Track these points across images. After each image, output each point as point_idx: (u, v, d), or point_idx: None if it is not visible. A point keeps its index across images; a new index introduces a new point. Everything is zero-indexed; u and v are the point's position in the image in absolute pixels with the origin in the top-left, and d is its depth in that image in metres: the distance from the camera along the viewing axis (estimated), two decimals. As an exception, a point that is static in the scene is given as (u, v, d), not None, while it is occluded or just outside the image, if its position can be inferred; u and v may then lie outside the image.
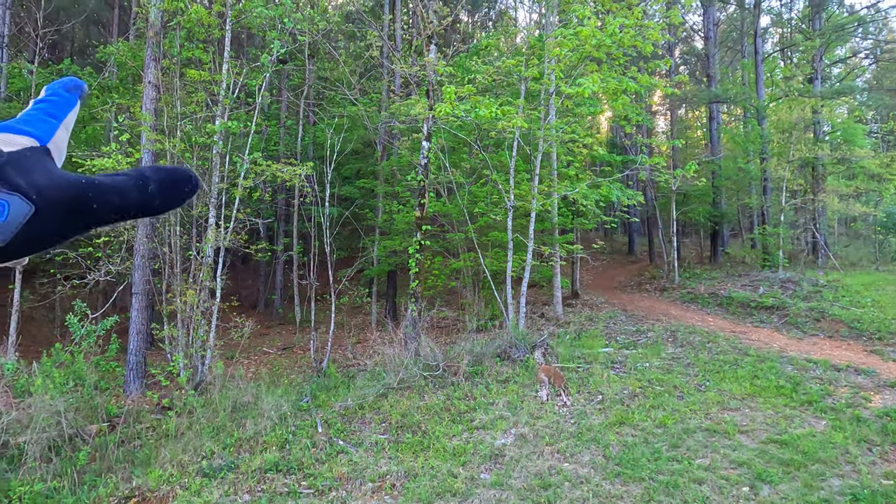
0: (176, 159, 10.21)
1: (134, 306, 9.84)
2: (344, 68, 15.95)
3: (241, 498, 5.81)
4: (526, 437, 6.94)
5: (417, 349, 9.73)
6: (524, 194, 11.75)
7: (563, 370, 9.08)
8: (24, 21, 16.04)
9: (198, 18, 10.36)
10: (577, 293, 16.71)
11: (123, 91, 14.14)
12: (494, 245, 13.48)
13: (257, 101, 11.30)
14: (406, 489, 5.86)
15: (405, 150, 14.64)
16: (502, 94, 12.38)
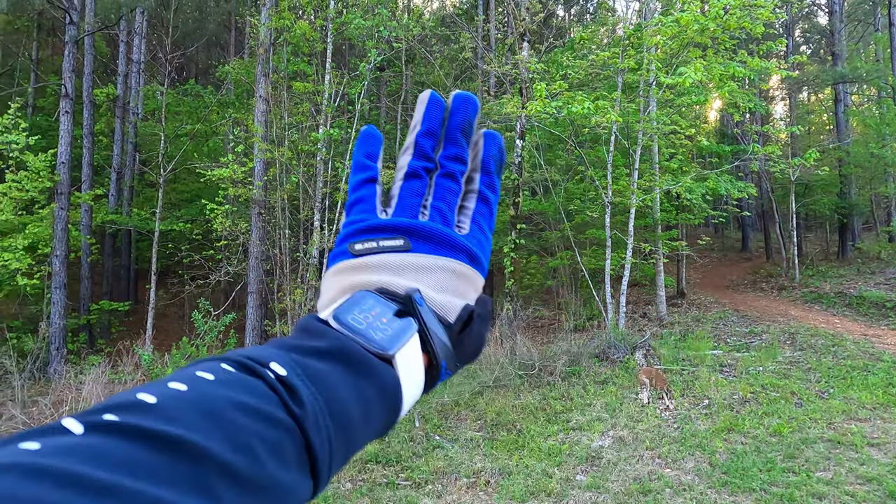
0: (284, 167, 10.93)
1: (249, 304, 10.64)
2: (439, 72, 16.25)
3: (343, 486, 6.12)
4: (625, 440, 6.72)
5: (513, 348, 9.73)
6: (623, 190, 11.36)
7: (665, 372, 8.69)
8: (156, 48, 17.87)
9: (302, 34, 11.02)
10: (683, 292, 15.88)
11: (239, 106, 15.32)
12: (592, 243, 13.14)
13: (357, 109, 11.82)
14: (500, 486, 5.89)
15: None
16: (598, 87, 12.05)
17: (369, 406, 0.38)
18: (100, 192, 14.33)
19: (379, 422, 0.39)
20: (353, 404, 0.37)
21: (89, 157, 14.15)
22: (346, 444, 0.37)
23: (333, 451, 0.35)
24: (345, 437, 0.36)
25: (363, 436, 0.39)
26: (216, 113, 15.41)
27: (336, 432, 0.35)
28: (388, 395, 0.39)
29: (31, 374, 8.45)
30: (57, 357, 10.45)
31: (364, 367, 0.38)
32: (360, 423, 0.37)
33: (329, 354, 0.37)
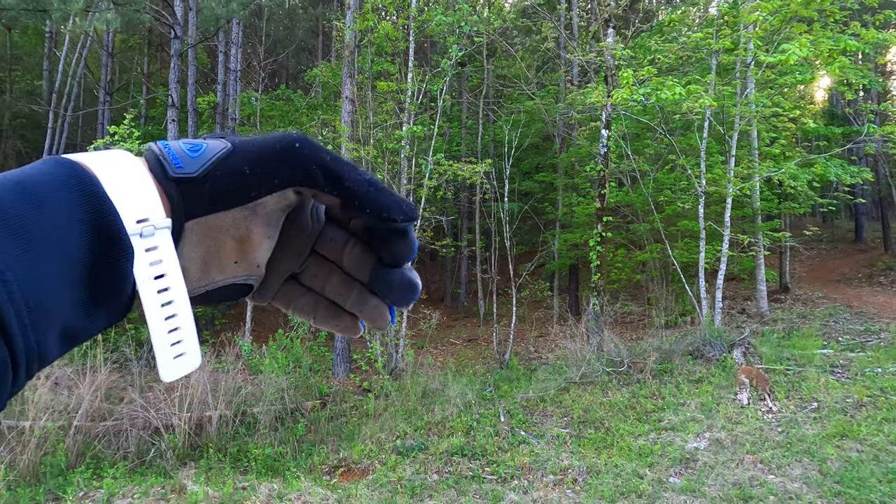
0: (370, 165, 11.23)
1: (339, 298, 11.03)
2: (521, 64, 16.07)
3: (430, 477, 6.23)
4: (722, 443, 6.37)
5: (600, 344, 9.47)
6: (717, 178, 10.73)
7: (767, 372, 8.14)
8: (251, 56, 18.90)
9: (385, 34, 11.25)
10: (787, 287, 14.79)
11: (327, 107, 15.91)
12: (684, 235, 12.53)
13: (439, 105, 11.93)
14: (588, 485, 5.77)
15: (584, 141, 14.28)
16: (690, 71, 11.43)
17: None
18: (203, 194, 15.35)
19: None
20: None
21: (194, 161, 15.18)
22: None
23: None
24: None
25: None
26: (306, 115, 16.08)
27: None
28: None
29: (147, 361, 9.23)
30: (168, 347, 11.33)
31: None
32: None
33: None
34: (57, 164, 0.34)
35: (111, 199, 0.34)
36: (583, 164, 13.94)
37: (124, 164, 0.37)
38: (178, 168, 0.38)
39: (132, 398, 7.45)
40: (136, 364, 8.51)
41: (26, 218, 0.30)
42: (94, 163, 0.36)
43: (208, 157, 0.39)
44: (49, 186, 0.32)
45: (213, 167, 0.39)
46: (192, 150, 0.39)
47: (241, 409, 7.71)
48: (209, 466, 6.63)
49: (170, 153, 0.39)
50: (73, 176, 0.34)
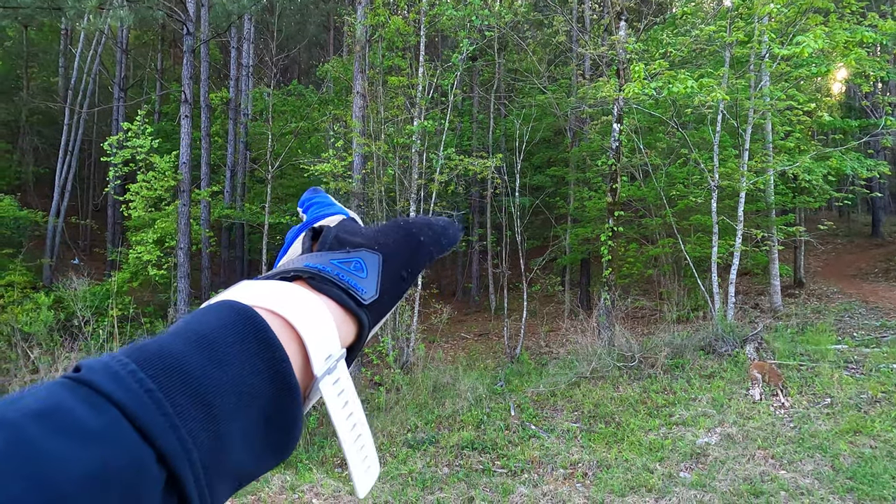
0: (381, 160, 11.27)
1: (350, 293, 11.10)
2: (532, 58, 16.00)
3: (441, 470, 6.27)
4: (733, 438, 6.35)
5: (611, 339, 9.46)
6: (731, 172, 10.64)
7: (780, 367, 8.09)
8: (262, 52, 18.99)
9: (396, 29, 11.26)
10: (801, 282, 14.64)
11: (338, 103, 15.96)
12: (697, 229, 12.44)
13: (450, 100, 11.92)
14: (598, 479, 5.78)
15: (595, 135, 14.20)
16: (702, 64, 11.32)
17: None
18: (216, 189, 15.51)
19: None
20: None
21: (207, 157, 15.35)
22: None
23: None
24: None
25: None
26: (317, 111, 16.15)
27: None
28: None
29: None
30: (183, 340, 11.48)
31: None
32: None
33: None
34: (234, 312, 0.35)
35: (283, 348, 0.35)
36: (594, 158, 13.87)
37: (305, 303, 0.38)
38: (363, 294, 0.42)
39: (148, 391, 7.57)
40: (152, 357, 8.63)
41: (209, 377, 0.31)
42: (275, 305, 0.37)
43: (375, 273, 0.44)
44: (229, 339, 0.33)
45: (383, 282, 0.44)
46: (357, 269, 0.44)
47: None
48: (223, 458, 6.72)
49: (350, 283, 0.42)
50: (252, 327, 0.34)
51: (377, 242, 0.47)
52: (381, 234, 0.48)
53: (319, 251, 0.46)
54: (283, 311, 0.37)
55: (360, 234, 0.48)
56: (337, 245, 0.46)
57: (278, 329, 0.36)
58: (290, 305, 0.37)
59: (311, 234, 0.49)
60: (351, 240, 0.46)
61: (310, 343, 0.37)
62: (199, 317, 0.35)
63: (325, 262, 0.43)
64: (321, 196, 0.59)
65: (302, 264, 0.43)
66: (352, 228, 0.49)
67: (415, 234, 0.49)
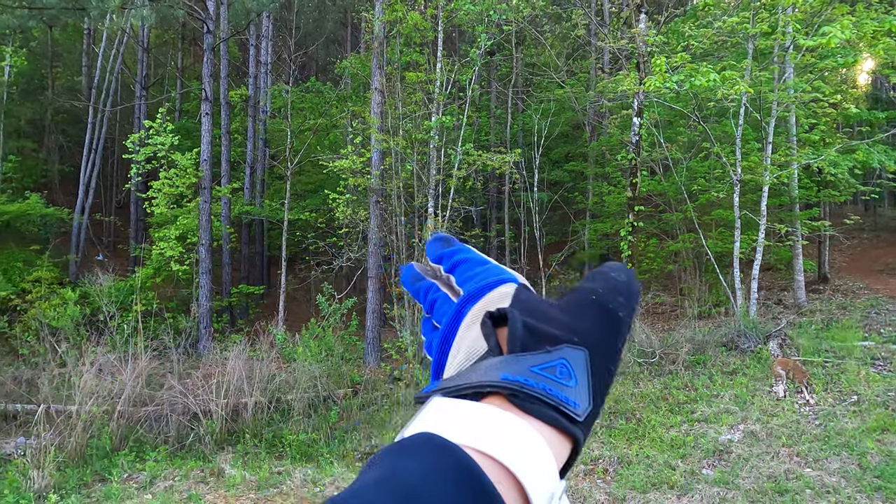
0: (399, 156, 11.29)
1: (369, 288, 11.17)
2: (550, 52, 15.89)
3: (460, 465, 6.29)
4: (757, 435, 6.28)
5: (631, 335, 9.38)
6: (753, 166, 10.47)
7: (805, 364, 7.96)
8: (281, 49, 19.11)
9: (414, 24, 11.25)
10: (826, 277, 14.38)
11: (356, 99, 16.01)
12: (718, 224, 12.27)
13: (468, 95, 11.90)
14: (619, 476, 5.75)
15: (615, 129, 14.07)
16: (725, 57, 11.14)
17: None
18: (236, 186, 15.68)
19: None
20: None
21: (227, 154, 15.51)
22: None
23: None
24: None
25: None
26: (336, 107, 16.21)
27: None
28: None
29: (185, 349, 9.51)
30: (205, 335, 11.66)
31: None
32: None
33: None
34: (443, 455, 0.31)
35: (502, 499, 0.30)
36: (614, 152, 13.75)
37: (520, 439, 0.33)
38: (577, 409, 0.36)
39: (172, 384, 7.70)
40: (175, 352, 8.78)
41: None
42: (487, 445, 0.32)
43: (585, 378, 0.37)
44: (441, 492, 0.29)
45: (594, 386, 0.37)
46: (564, 376, 0.36)
47: (275, 397, 7.89)
48: (245, 451, 6.82)
49: (561, 397, 0.35)
50: (467, 477, 0.30)
51: (575, 332, 0.38)
52: (575, 315, 0.39)
53: (511, 351, 0.37)
54: (498, 453, 0.32)
55: (551, 318, 0.39)
56: (530, 340, 0.37)
57: (493, 474, 0.31)
58: (504, 445, 0.32)
59: (490, 320, 0.40)
60: (545, 331, 0.38)
61: (531, 489, 0.32)
62: (401, 460, 0.31)
63: (525, 372, 0.36)
64: (462, 249, 0.48)
65: (499, 377, 0.35)
66: (537, 309, 0.40)
67: (612, 309, 0.40)
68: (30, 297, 11.77)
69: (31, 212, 14.49)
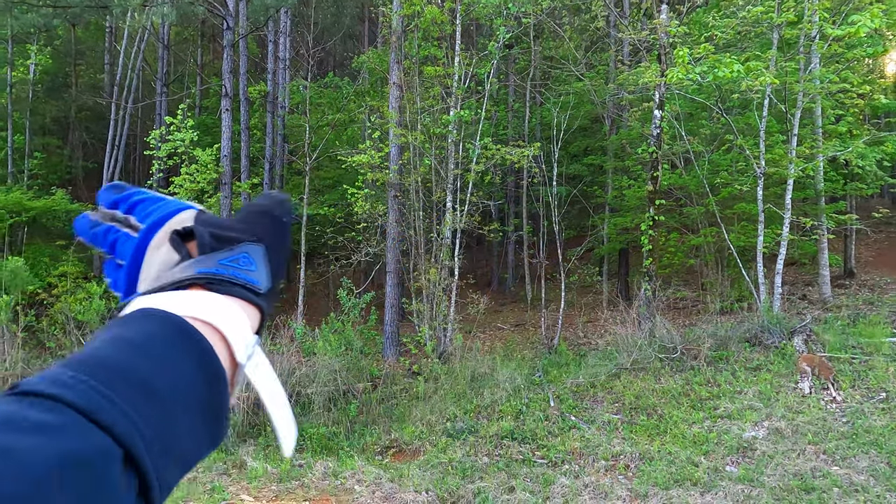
0: (417, 150, 11.28)
1: (388, 283, 11.19)
2: (569, 44, 15.72)
3: (480, 459, 6.29)
4: (782, 432, 6.18)
5: (652, 330, 9.29)
6: (778, 159, 10.28)
7: (831, 360, 7.81)
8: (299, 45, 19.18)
9: (432, 18, 11.20)
10: (852, 272, 14.09)
11: (374, 94, 16.01)
12: (741, 218, 12.08)
13: (486, 89, 11.83)
14: (641, 472, 5.70)
15: (635, 122, 13.89)
16: (748, 47, 10.93)
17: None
18: (256, 181, 15.79)
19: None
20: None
21: (246, 149, 15.62)
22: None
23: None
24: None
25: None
26: (353, 102, 16.24)
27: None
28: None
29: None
30: (226, 329, 11.79)
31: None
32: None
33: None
34: (159, 319, 0.41)
35: (210, 343, 0.41)
36: (634, 146, 13.58)
37: (219, 306, 0.44)
38: (258, 285, 0.48)
39: (194, 378, 7.79)
40: (197, 345, 8.88)
41: (149, 374, 0.36)
42: (195, 311, 0.43)
43: (264, 264, 0.50)
44: (161, 342, 0.39)
45: (272, 269, 0.50)
46: (247, 264, 0.48)
47: (295, 390, 7.95)
48: (267, 444, 6.88)
49: (247, 279, 0.48)
50: (179, 329, 0.41)
51: (252, 233, 0.50)
52: (251, 223, 0.51)
53: (202, 253, 0.48)
54: (204, 316, 0.43)
55: (232, 227, 0.50)
56: (217, 244, 0.48)
57: (203, 330, 0.42)
58: (208, 311, 0.43)
59: (177, 237, 0.49)
60: (229, 235, 0.49)
61: (232, 338, 0.43)
62: (125, 327, 0.40)
63: (216, 265, 0.47)
64: (137, 192, 0.56)
65: (194, 271, 0.46)
66: (218, 222, 0.51)
67: (277, 216, 0.53)
68: (56, 292, 12.00)
69: (56, 207, 14.75)
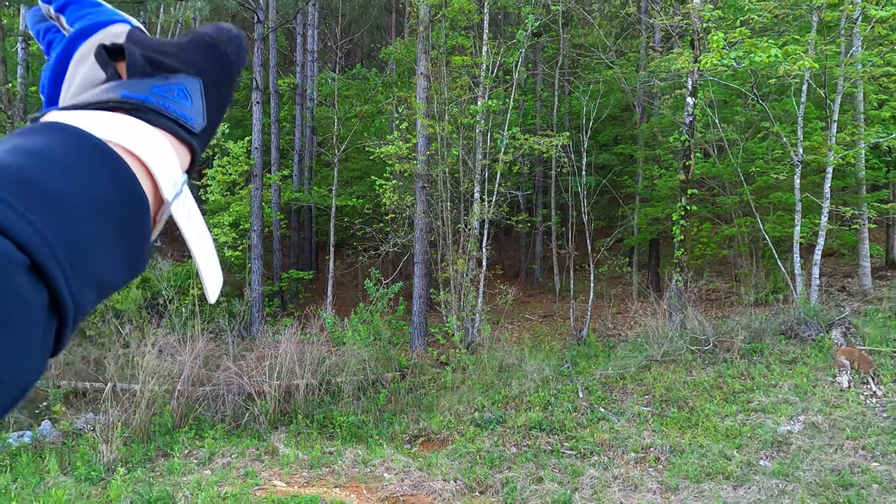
0: (445, 141, 11.26)
1: (416, 274, 11.24)
2: (599, 31, 15.46)
3: (508, 450, 6.30)
4: (819, 427, 6.03)
5: (683, 321, 9.14)
6: (816, 146, 9.96)
7: (871, 354, 7.58)
8: (327, 37, 19.28)
9: (459, 7, 11.13)
10: (894, 263, 13.62)
11: (401, 85, 16.02)
12: (777, 207, 11.76)
13: (514, 78, 11.73)
14: (672, 464, 5.64)
15: (667, 110, 13.61)
16: (786, 31, 10.59)
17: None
18: (286, 173, 15.99)
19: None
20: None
21: (276, 142, 15.82)
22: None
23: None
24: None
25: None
26: (381, 93, 16.27)
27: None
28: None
29: (239, 332, 9.82)
30: (258, 318, 12.01)
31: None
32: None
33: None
34: (68, 132, 0.35)
35: (125, 161, 0.36)
36: (665, 134, 13.32)
37: (145, 135, 0.39)
38: (193, 123, 0.43)
39: (227, 366, 7.97)
40: (230, 334, 9.07)
41: (55, 182, 0.32)
42: (116, 136, 0.37)
43: (200, 100, 0.44)
44: (70, 152, 0.34)
45: (208, 108, 0.44)
46: (181, 97, 0.43)
47: (325, 379, 8.07)
48: (298, 431, 7.01)
49: (179, 113, 0.42)
50: (90, 143, 0.35)
51: (191, 65, 0.44)
52: (190, 52, 0.45)
53: (132, 77, 0.42)
54: (125, 142, 0.37)
55: (168, 53, 0.43)
56: (150, 68, 0.42)
57: (125, 158, 0.36)
58: (130, 137, 0.38)
59: (104, 51, 0.43)
60: (165, 61, 0.43)
61: (157, 171, 0.38)
62: (26, 136, 0.34)
63: (146, 92, 0.41)
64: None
65: (119, 94, 0.40)
66: (154, 45, 0.44)
67: (221, 49, 0.46)
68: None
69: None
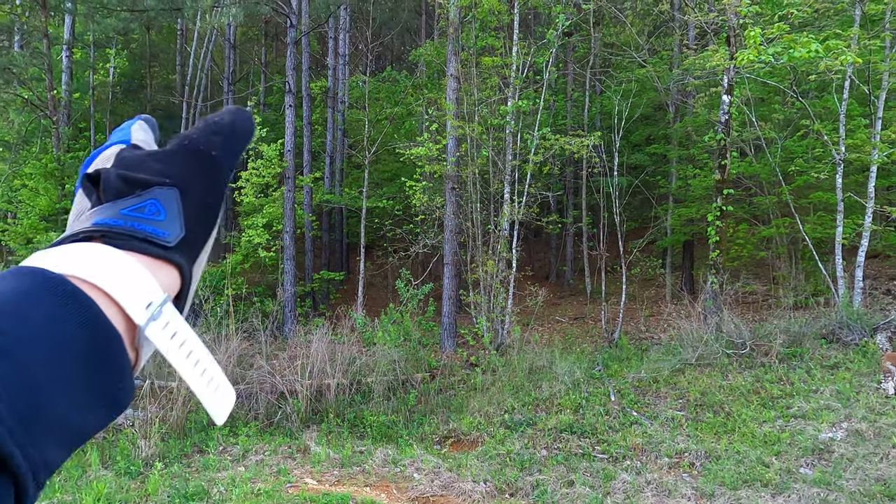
0: (475, 142, 11.25)
1: (445, 275, 11.25)
2: (631, 30, 15.25)
3: (539, 452, 6.24)
4: (863, 434, 5.82)
5: (719, 324, 8.93)
6: (860, 144, 9.63)
7: (919, 360, 7.28)
8: (357, 40, 19.47)
9: (489, 8, 11.12)
10: (944, 265, 13.05)
11: (431, 86, 16.07)
12: (817, 208, 11.40)
13: (545, 78, 11.65)
14: (707, 470, 5.51)
15: (702, 109, 13.33)
16: (827, 25, 10.27)
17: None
18: (318, 176, 16.19)
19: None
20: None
21: (308, 144, 16.04)
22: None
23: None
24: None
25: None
26: (411, 95, 16.35)
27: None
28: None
29: (271, 332, 9.98)
30: (290, 318, 12.19)
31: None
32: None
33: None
34: (22, 275, 0.34)
35: (85, 293, 0.34)
36: (700, 133, 13.04)
37: (105, 260, 0.37)
38: (167, 237, 0.40)
39: (260, 365, 8.11)
40: (263, 334, 9.22)
41: (6, 331, 0.30)
42: (72, 268, 0.36)
43: (175, 211, 0.42)
44: (25, 297, 0.32)
45: (188, 217, 0.42)
46: (153, 213, 0.41)
47: (356, 379, 8.14)
48: (329, 430, 7.08)
49: (148, 230, 0.40)
50: (45, 281, 0.34)
51: (166, 175, 0.42)
52: (168, 162, 0.43)
53: (107, 200, 0.41)
54: (80, 272, 0.35)
55: (144, 167, 0.43)
56: (124, 188, 0.42)
57: (85, 290, 0.35)
58: (87, 265, 0.36)
59: (88, 182, 0.43)
60: (138, 178, 0.42)
61: (118, 295, 0.36)
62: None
63: (116, 215, 0.40)
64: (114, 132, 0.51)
65: (90, 223, 0.40)
66: (133, 161, 0.44)
67: (203, 151, 0.44)
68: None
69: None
